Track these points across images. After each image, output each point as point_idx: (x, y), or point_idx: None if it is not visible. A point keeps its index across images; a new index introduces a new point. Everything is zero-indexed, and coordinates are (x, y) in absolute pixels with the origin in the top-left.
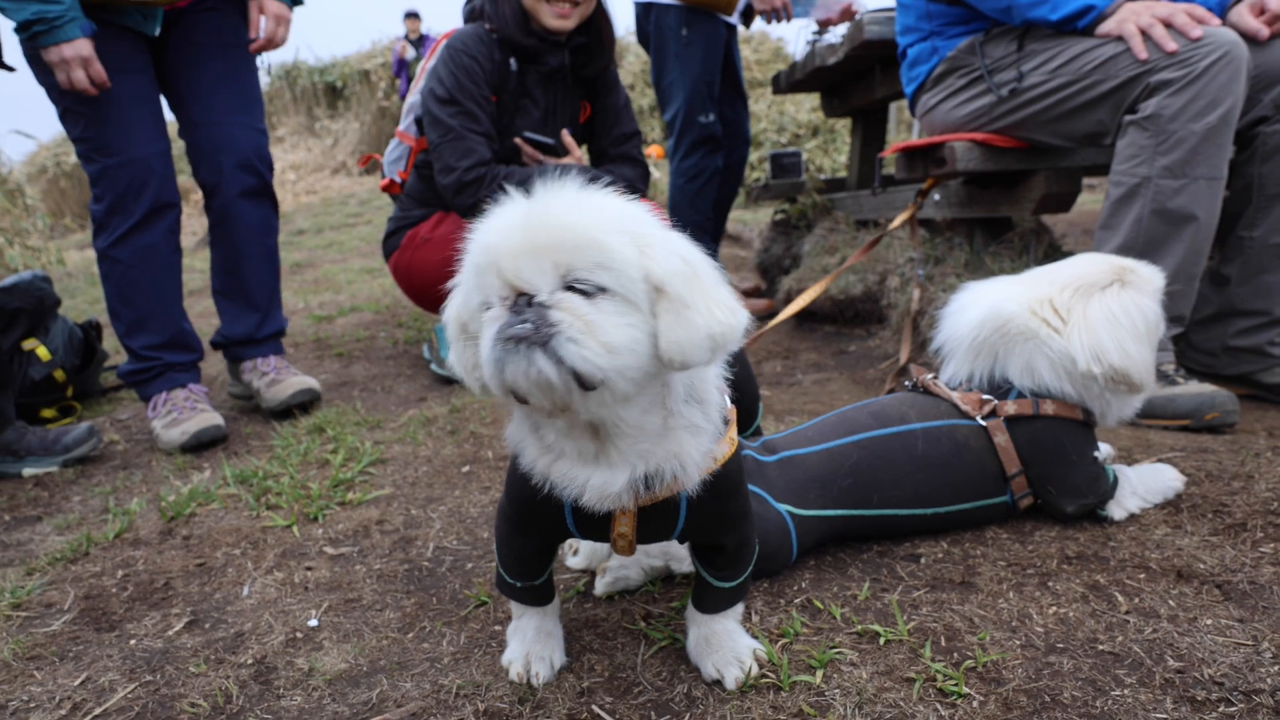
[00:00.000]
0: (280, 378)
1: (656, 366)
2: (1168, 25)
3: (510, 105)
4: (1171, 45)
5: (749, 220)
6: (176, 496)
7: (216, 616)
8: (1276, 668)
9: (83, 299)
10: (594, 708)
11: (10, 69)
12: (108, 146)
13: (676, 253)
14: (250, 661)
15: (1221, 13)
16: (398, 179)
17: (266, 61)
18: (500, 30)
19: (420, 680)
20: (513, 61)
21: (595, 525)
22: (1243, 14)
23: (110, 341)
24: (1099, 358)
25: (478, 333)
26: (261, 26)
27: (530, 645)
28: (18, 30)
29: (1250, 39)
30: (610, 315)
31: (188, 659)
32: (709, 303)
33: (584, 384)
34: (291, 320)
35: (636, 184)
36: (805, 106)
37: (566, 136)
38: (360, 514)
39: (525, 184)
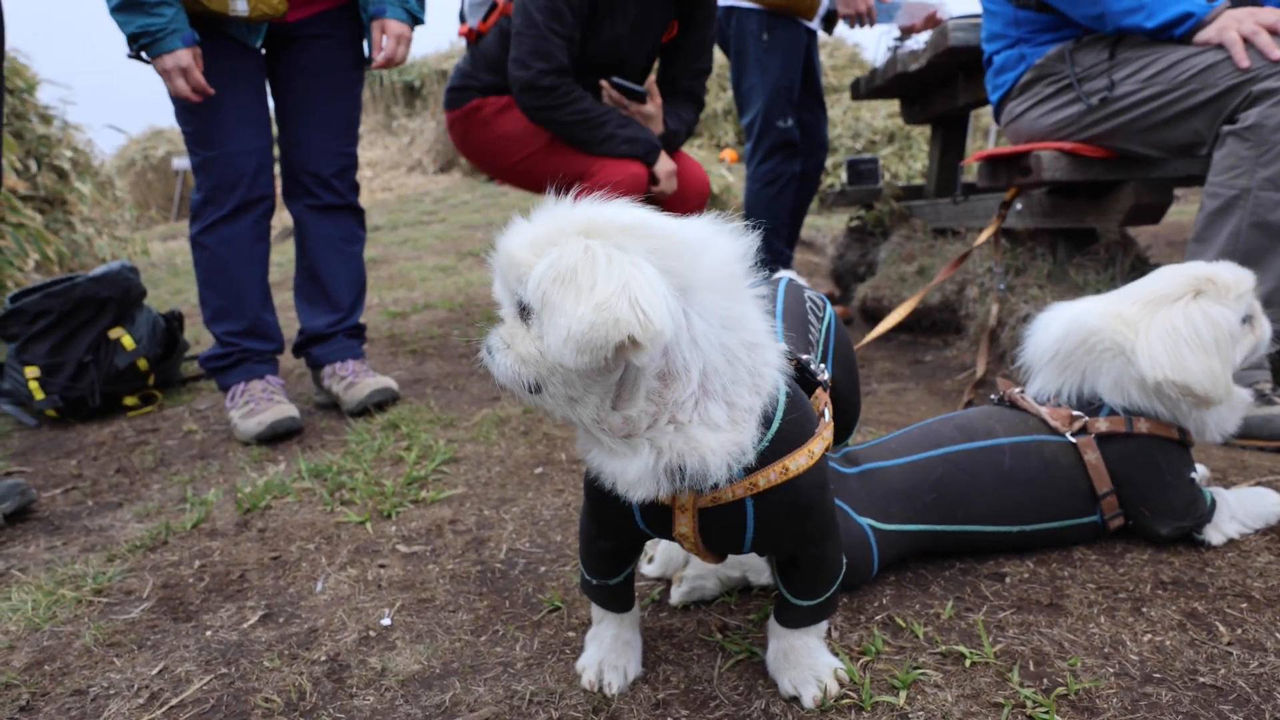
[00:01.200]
0: (357, 380)
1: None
2: (1273, 32)
3: (604, 10)
4: (1277, 53)
5: (821, 226)
6: (252, 488)
7: (290, 611)
8: None
9: (165, 289)
10: None
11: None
12: (209, 141)
13: (563, 256)
14: (323, 659)
15: None
16: (476, 27)
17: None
18: None
19: (493, 685)
20: None
21: (660, 522)
22: None
23: (191, 332)
24: (1153, 370)
25: None
26: (384, 45)
27: (605, 653)
28: (130, 41)
29: None
30: (530, 327)
31: (262, 653)
32: (577, 302)
33: (528, 389)
34: (366, 315)
35: (693, 125)
36: (881, 113)
37: (653, 86)
38: (433, 513)
39: (586, 123)
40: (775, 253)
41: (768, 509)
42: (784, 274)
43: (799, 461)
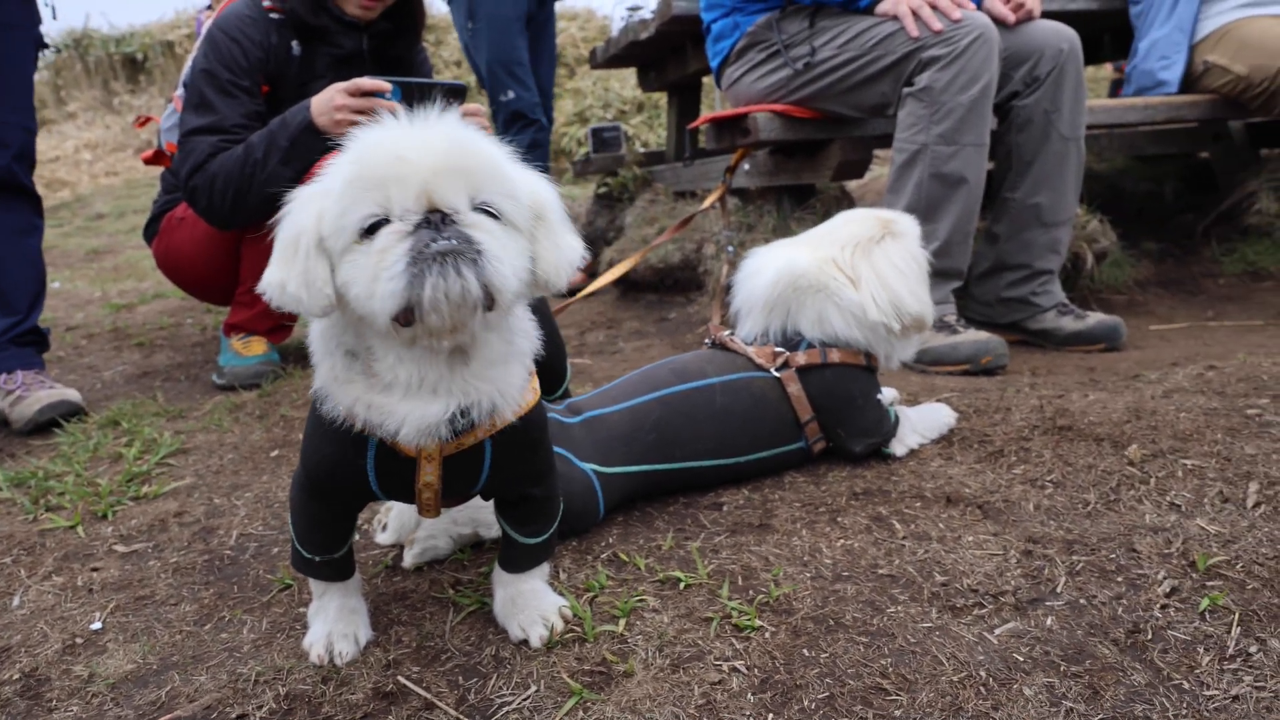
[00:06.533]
0: (28, 393)
1: (530, 290)
2: (934, 7)
3: (292, 94)
4: (937, 25)
5: (576, 195)
6: None
7: None
8: (1019, 571)
9: None
10: (400, 678)
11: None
12: None
13: (550, 189)
14: (17, 676)
15: None
16: (166, 150)
17: (50, 46)
18: (284, 9)
19: (216, 672)
20: (295, 45)
21: (399, 479)
22: (994, 1)
23: None
24: (898, 311)
25: (341, 248)
26: None
27: (333, 624)
28: None
29: (999, 23)
30: (510, 240)
31: None
32: (567, 232)
33: (490, 303)
34: (87, 310)
35: None
36: (630, 83)
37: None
38: (156, 507)
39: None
40: None
41: (503, 448)
42: None
43: (528, 398)
